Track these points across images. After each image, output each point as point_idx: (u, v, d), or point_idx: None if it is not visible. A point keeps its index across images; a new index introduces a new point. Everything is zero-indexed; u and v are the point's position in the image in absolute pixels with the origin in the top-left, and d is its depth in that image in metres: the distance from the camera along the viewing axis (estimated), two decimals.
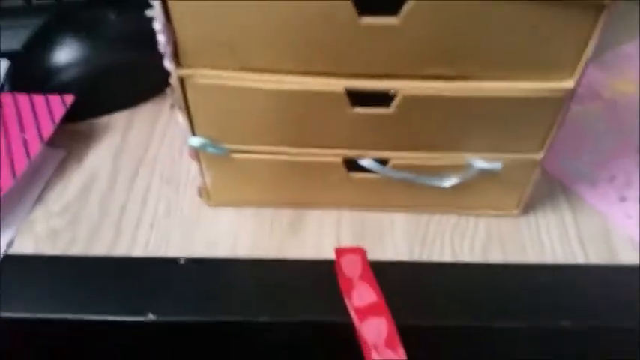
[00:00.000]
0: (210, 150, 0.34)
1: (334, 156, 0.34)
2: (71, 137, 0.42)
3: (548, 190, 0.39)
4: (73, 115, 0.41)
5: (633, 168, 0.40)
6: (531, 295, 0.34)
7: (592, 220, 0.37)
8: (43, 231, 0.36)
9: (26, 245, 0.35)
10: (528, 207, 0.37)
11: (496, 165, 0.34)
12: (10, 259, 0.35)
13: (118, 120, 0.43)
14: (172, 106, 0.43)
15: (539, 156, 0.34)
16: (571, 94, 0.30)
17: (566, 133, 0.34)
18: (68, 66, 0.41)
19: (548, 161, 0.34)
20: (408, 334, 0.31)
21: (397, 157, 0.34)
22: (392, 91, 0.30)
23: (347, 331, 0.32)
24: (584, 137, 0.42)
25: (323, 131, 0.33)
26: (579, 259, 0.35)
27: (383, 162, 0.34)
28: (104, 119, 0.43)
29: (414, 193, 0.36)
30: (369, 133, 0.33)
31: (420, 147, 0.33)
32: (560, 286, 0.34)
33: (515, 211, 0.37)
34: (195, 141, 0.33)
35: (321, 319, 0.33)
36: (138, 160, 0.40)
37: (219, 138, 0.33)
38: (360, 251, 0.35)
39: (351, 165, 0.35)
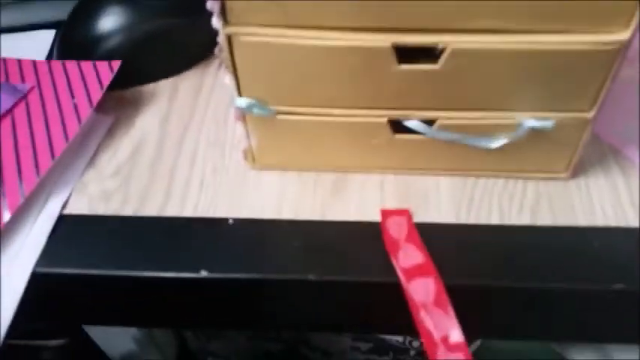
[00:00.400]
0: (256, 111, 0.34)
1: (379, 117, 0.34)
2: (118, 104, 0.42)
3: (598, 153, 0.38)
4: (118, 83, 0.41)
5: None
6: (583, 257, 0.33)
7: None
8: (96, 192, 0.37)
9: (80, 206, 0.36)
10: (578, 169, 0.36)
11: (547, 123, 0.33)
12: (65, 218, 0.36)
13: (163, 87, 0.44)
14: (220, 66, 0.43)
15: (590, 114, 0.33)
16: (626, 46, 0.29)
17: (617, 94, 0.33)
18: (112, 34, 0.42)
19: (597, 123, 0.33)
20: (453, 296, 0.31)
21: (444, 116, 0.33)
22: (440, 45, 0.30)
23: (394, 290, 0.32)
24: (635, 99, 0.40)
25: (369, 90, 0.32)
26: (632, 222, 0.34)
27: (429, 122, 0.34)
28: (150, 86, 0.44)
29: (460, 155, 0.36)
30: (416, 91, 0.32)
31: (468, 106, 0.33)
32: (613, 250, 0.33)
33: (565, 174, 0.36)
34: (242, 102, 0.33)
35: (368, 279, 0.33)
36: (184, 125, 0.41)
37: (265, 98, 0.33)
38: (406, 213, 0.35)
39: (397, 127, 0.34)
